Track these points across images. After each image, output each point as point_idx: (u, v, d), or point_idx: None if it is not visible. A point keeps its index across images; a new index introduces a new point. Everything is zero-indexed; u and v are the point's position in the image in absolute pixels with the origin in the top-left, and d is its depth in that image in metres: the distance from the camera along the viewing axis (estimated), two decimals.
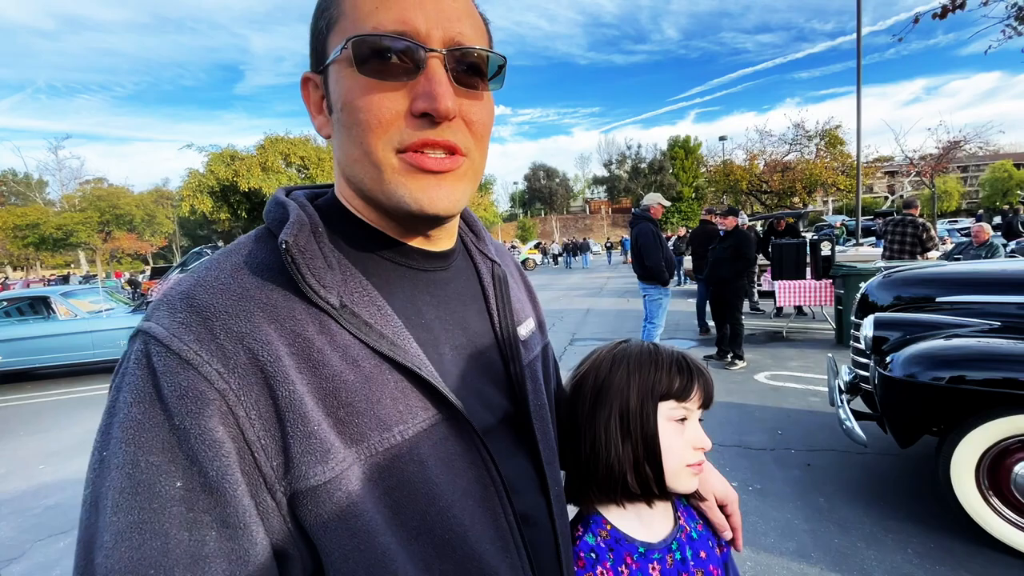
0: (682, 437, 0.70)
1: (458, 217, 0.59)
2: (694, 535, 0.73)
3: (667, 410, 0.70)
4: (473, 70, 0.47)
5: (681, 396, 0.70)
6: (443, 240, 0.55)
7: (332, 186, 0.56)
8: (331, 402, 0.41)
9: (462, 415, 0.47)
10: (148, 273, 22.18)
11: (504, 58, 0.49)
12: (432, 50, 0.44)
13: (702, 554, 0.72)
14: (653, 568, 0.69)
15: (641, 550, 0.69)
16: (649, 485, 0.69)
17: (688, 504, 0.77)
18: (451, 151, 0.46)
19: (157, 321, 0.40)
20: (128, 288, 16.40)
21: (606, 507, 0.72)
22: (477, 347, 0.54)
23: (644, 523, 0.72)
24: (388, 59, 0.43)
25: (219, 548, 0.36)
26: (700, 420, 0.73)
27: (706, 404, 0.72)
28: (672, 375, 0.70)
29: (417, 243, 0.53)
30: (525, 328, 0.62)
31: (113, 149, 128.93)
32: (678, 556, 0.70)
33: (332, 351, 0.43)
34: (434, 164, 0.45)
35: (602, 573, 0.68)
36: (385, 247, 0.51)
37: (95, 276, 26.48)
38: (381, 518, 0.42)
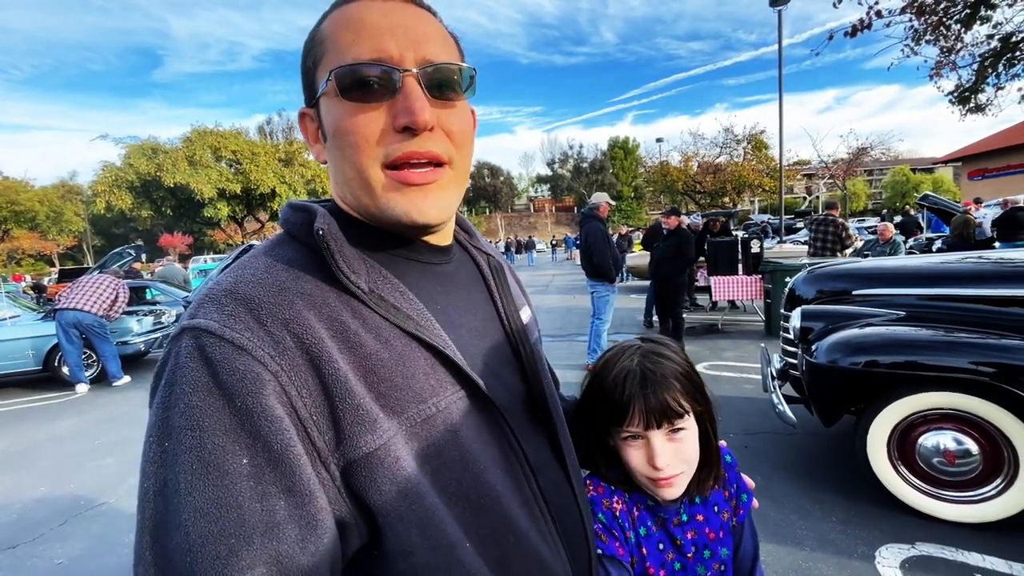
0: (639, 453, 0.73)
1: (453, 218, 0.63)
2: (696, 499, 0.79)
3: (616, 431, 0.74)
4: (446, 84, 0.52)
5: (619, 422, 0.73)
6: (443, 237, 0.60)
7: (329, 200, 0.60)
8: (371, 378, 0.45)
9: (483, 392, 0.51)
10: (55, 276, 20.12)
11: (474, 69, 0.54)
12: (406, 70, 0.49)
13: (699, 517, 0.78)
14: (657, 519, 0.75)
15: (650, 503, 0.76)
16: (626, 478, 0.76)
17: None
18: (435, 162, 0.51)
19: (205, 316, 0.42)
20: (32, 293, 14.82)
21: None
22: (489, 332, 0.59)
23: None
24: (368, 84, 0.48)
25: (289, 515, 0.39)
26: (677, 429, 0.73)
27: (654, 423, 0.71)
28: (610, 401, 0.73)
29: (421, 240, 0.57)
30: (524, 314, 0.67)
31: (8, 138, 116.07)
32: (684, 518, 0.77)
33: (366, 332, 0.47)
34: (418, 178, 0.50)
35: (617, 502, 0.74)
36: (394, 244, 0.55)
37: None
38: (426, 482, 0.46)
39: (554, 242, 36.69)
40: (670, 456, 0.72)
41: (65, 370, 6.23)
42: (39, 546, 2.74)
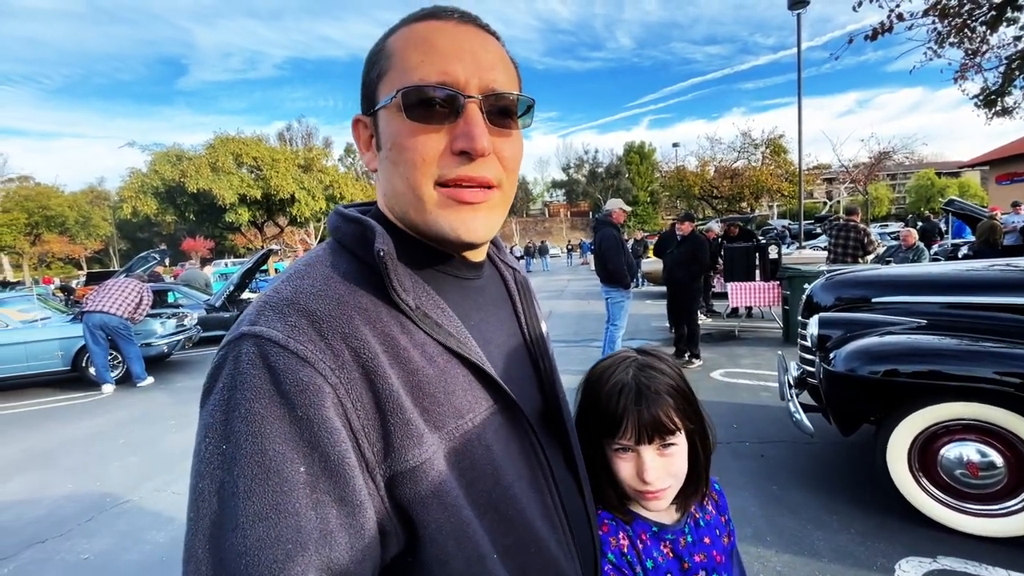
0: (628, 466, 0.73)
1: None
2: (701, 523, 0.80)
3: (607, 443, 0.74)
4: (505, 112, 0.53)
5: (611, 435, 0.73)
6: (479, 252, 0.62)
7: (371, 204, 0.62)
8: (418, 393, 0.47)
9: (516, 405, 0.53)
10: (83, 279, 20.71)
11: (532, 100, 0.56)
12: (470, 96, 0.50)
13: (706, 540, 0.78)
14: (664, 546, 0.75)
15: (655, 529, 0.76)
16: (618, 499, 0.76)
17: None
18: (486, 185, 0.52)
19: (268, 325, 0.44)
20: (61, 295, 15.30)
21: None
22: (513, 346, 0.62)
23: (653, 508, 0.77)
24: (432, 106, 0.50)
25: (341, 523, 0.41)
26: (668, 444, 0.72)
27: (645, 437, 0.71)
28: (603, 412, 0.73)
29: (459, 255, 0.59)
30: (543, 328, 0.70)
31: (40, 145, 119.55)
32: (689, 539, 0.77)
33: (413, 348, 0.49)
34: (470, 196, 0.52)
35: (623, 538, 0.74)
36: (435, 259, 0.57)
37: (20, 283, 24.46)
38: (462, 495, 0.48)
39: (569, 247, 36.66)
40: (660, 471, 0.72)
41: (92, 371, 6.42)
42: (67, 541, 2.84)
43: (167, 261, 14.21)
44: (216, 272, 17.24)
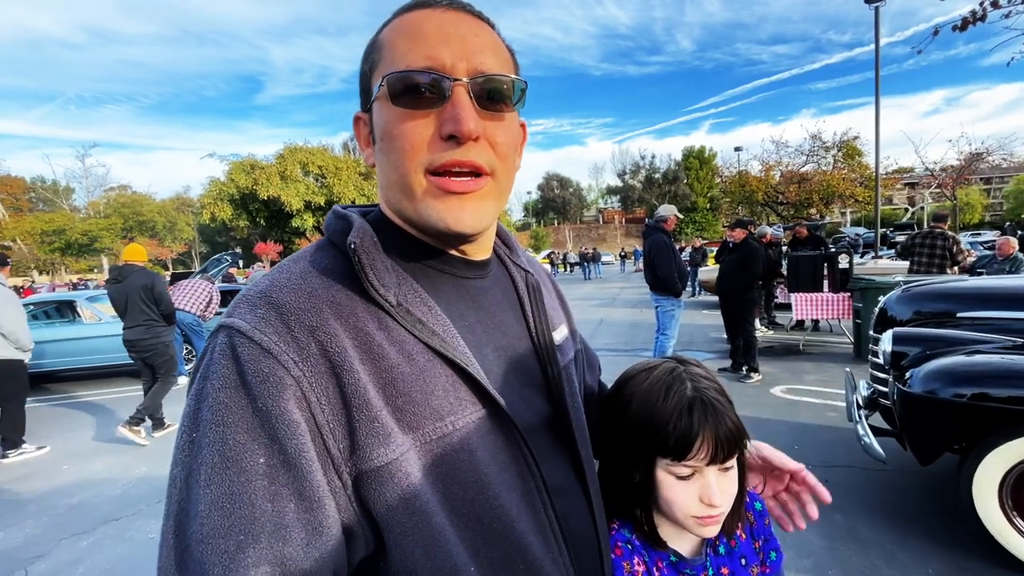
0: (688, 490, 0.65)
1: (493, 230, 0.62)
2: (721, 549, 0.72)
3: (665, 465, 0.66)
4: (496, 95, 0.51)
5: (679, 456, 0.64)
6: (480, 250, 0.59)
7: (377, 205, 0.61)
8: (390, 391, 0.45)
9: (505, 412, 0.50)
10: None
11: (525, 82, 0.53)
12: (456, 80, 0.48)
13: (724, 570, 0.71)
14: None
15: (673, 559, 0.70)
16: (651, 526, 0.69)
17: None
18: (476, 171, 0.50)
19: (239, 317, 0.44)
20: None
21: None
22: (516, 350, 0.58)
23: (676, 530, 0.71)
24: (418, 91, 0.48)
25: (298, 518, 0.40)
26: (726, 468, 0.66)
27: (720, 456, 0.64)
28: (669, 432, 0.64)
29: (457, 252, 0.57)
30: (559, 334, 0.65)
31: (137, 157, 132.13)
32: (711, 572, 0.70)
33: (390, 345, 0.47)
34: (458, 186, 0.49)
35: (639, 563, 0.69)
36: (429, 256, 0.55)
37: None
38: (436, 501, 0.45)
39: (623, 254, 35.95)
40: (724, 492, 0.65)
41: None
42: (137, 520, 3.07)
43: (240, 263, 15.25)
44: None
